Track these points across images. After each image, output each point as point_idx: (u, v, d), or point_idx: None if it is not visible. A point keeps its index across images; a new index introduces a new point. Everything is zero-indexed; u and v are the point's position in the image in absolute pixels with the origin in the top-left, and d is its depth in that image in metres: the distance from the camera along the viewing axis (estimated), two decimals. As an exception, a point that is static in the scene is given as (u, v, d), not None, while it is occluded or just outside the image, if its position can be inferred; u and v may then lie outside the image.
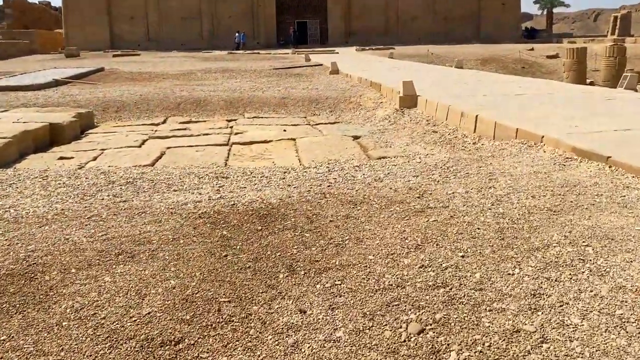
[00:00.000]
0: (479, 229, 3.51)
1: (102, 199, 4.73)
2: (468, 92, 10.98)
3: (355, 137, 8.88)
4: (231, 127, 10.44)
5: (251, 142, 8.80)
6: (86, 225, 3.83)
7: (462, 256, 3.09)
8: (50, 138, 9.14)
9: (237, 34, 44.99)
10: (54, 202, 4.54)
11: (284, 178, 5.61)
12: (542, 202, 4.05)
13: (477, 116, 7.70)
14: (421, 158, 6.31)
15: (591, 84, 20.47)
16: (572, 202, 4.03)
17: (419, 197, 4.29)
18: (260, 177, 5.76)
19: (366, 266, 2.99)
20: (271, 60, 29.20)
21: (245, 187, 5.18)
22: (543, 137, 6.03)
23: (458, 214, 3.81)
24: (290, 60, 28.77)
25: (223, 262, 3.13)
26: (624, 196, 4.11)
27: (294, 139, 8.85)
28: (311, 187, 4.97)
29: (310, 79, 17.82)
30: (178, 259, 3.21)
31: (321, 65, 23.17)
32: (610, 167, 4.87)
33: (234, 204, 4.29)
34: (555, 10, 67.68)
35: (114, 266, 3.11)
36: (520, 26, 52.47)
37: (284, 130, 9.66)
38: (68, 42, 45.16)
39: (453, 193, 4.39)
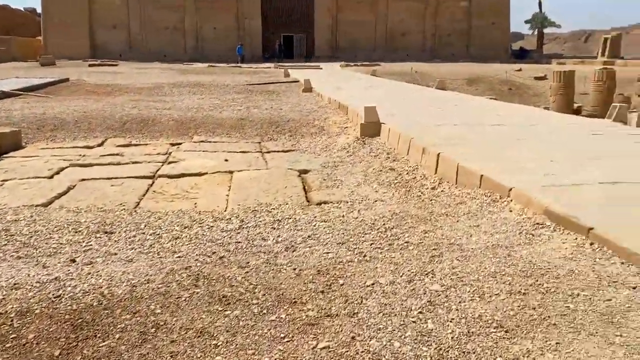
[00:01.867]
0: (385, 369, 2.26)
1: None
2: (440, 119, 9.81)
3: (303, 172, 7.65)
4: (170, 153, 9.18)
5: (181, 175, 7.53)
6: None
7: None
8: (-50, 164, 7.85)
9: (241, 46, 44.16)
10: None
11: (177, 238, 4.36)
12: (492, 308, 2.81)
13: (439, 154, 6.50)
14: (360, 212, 5.07)
15: (579, 109, 19.45)
16: (534, 309, 2.80)
17: (322, 292, 3.04)
18: (151, 234, 4.50)
19: None
20: (249, 74, 28.04)
21: (115, 254, 3.92)
22: (511, 190, 4.82)
23: (364, 333, 2.56)
24: (269, 75, 27.62)
25: None
26: (609, 300, 2.88)
27: (232, 172, 7.61)
28: (196, 259, 3.72)
29: (280, 97, 16.63)
30: None
31: (298, 81, 22.00)
32: (591, 243, 3.66)
33: (59, 296, 3.02)
34: (546, 30, 67.18)
35: None
36: (510, 46, 51.77)
37: (226, 160, 8.41)
38: (47, 49, 43.80)
39: (373, 284, 3.15)
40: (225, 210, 5.73)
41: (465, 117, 10.05)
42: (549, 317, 2.72)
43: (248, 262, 3.62)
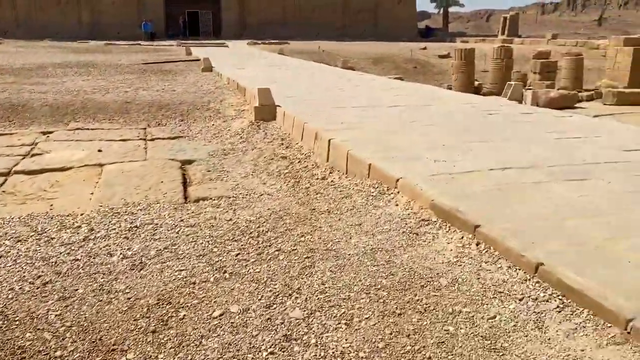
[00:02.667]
0: None
1: None
2: (339, 101, 9.36)
3: (187, 162, 6.90)
4: (36, 143, 8.06)
5: (42, 171, 6.55)
6: None
7: None
8: None
9: (149, 23, 41.66)
10: None
11: (1, 257, 3.54)
12: (360, 340, 2.32)
13: (330, 141, 6.01)
14: (237, 211, 4.47)
15: (479, 86, 19.89)
16: (409, 336, 2.35)
17: (154, 331, 2.42)
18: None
19: None
20: (149, 53, 26.32)
21: None
22: (398, 181, 4.41)
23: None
24: (170, 53, 26.06)
25: None
26: (494, 318, 2.49)
27: (102, 165, 6.73)
28: (11, 288, 2.96)
29: (176, 77, 15.52)
30: None
31: (199, 60, 20.79)
32: (478, 243, 3.29)
33: None
34: (451, 9, 69.16)
35: None
36: (416, 24, 52.66)
37: (99, 151, 7.47)
38: None
39: (222, 315, 2.57)
40: (82, 214, 4.92)
41: (364, 99, 9.67)
42: (424, 347, 2.27)
43: (76, 290, 2.91)
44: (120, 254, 3.51)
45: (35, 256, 3.53)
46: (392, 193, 4.37)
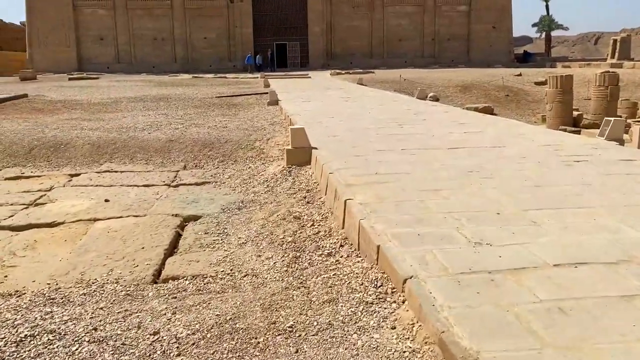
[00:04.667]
0: None
1: None
2: (390, 142, 7.90)
3: (193, 218, 5.84)
4: (52, 189, 7.43)
5: (27, 227, 5.81)
6: None
7: None
8: None
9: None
10: None
11: None
12: None
13: (346, 202, 4.64)
14: (175, 315, 3.23)
15: (579, 117, 17.44)
16: None
17: None
18: None
19: None
20: (229, 85, 26.31)
21: None
22: (406, 282, 2.94)
23: None
24: (250, 86, 25.87)
25: None
26: None
27: (95, 221, 5.84)
28: None
29: (238, 112, 14.82)
30: None
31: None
32: None
33: None
34: (554, 33, 64.73)
35: None
36: (512, 49, 49.51)
37: (106, 200, 6.63)
38: (32, 63, 42.53)
39: None
40: (22, 295, 4.02)
41: (422, 138, 8.15)
42: None
43: None
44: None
45: None
46: (394, 301, 2.92)
